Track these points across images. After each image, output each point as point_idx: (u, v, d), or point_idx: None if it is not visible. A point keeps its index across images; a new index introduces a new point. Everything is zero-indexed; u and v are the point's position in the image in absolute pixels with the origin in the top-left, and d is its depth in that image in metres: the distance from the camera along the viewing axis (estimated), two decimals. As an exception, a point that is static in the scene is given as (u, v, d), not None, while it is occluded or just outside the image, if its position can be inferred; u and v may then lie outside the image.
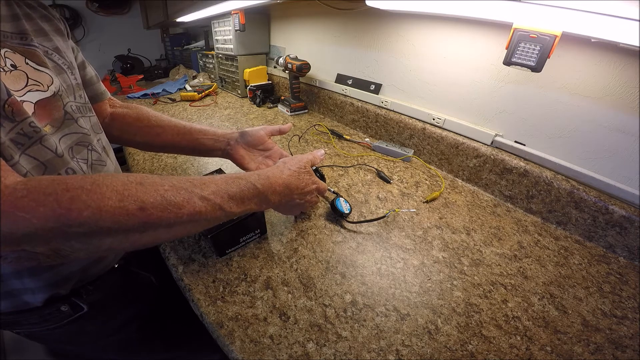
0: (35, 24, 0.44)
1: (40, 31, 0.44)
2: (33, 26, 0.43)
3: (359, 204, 0.64)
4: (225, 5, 1.02)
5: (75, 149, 0.43)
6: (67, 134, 0.42)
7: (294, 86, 1.14)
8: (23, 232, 0.26)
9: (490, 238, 0.56)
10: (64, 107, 0.42)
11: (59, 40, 0.47)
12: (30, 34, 0.42)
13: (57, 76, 0.42)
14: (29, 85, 0.38)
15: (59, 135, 0.40)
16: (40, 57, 0.41)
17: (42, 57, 0.41)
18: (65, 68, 0.45)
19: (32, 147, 0.36)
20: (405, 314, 0.41)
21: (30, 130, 0.35)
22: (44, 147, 0.37)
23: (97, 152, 0.47)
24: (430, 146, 0.80)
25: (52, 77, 0.41)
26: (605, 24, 0.38)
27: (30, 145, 0.36)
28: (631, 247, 0.52)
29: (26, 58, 0.39)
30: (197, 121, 1.12)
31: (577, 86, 0.55)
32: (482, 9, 0.49)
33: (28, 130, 0.35)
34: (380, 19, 0.87)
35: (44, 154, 0.37)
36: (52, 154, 0.38)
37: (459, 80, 0.73)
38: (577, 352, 0.38)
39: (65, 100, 0.43)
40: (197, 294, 0.44)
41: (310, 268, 0.48)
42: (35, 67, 0.40)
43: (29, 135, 0.35)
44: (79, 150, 0.43)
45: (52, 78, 0.41)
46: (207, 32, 1.84)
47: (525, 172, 0.63)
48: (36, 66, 0.40)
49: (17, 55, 0.38)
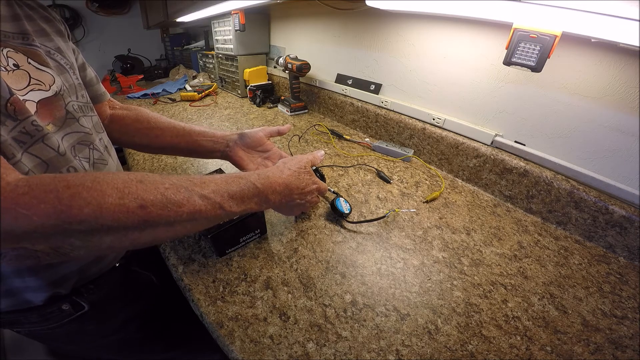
0: (37, 25, 0.44)
1: (42, 32, 0.44)
2: (34, 27, 0.43)
3: (359, 204, 0.64)
4: (225, 5, 1.02)
5: (77, 147, 0.43)
6: (69, 133, 0.42)
7: (294, 86, 1.14)
8: (24, 229, 0.26)
9: (490, 238, 0.56)
10: (65, 107, 0.42)
11: (60, 41, 0.47)
12: (31, 34, 0.42)
13: (59, 76, 0.43)
14: (31, 85, 0.38)
15: (61, 134, 0.41)
16: (42, 57, 0.41)
17: (44, 57, 0.42)
18: (67, 68, 0.45)
19: (34, 145, 0.36)
20: (405, 314, 0.41)
21: (33, 129, 0.36)
22: (46, 145, 0.37)
23: (99, 151, 0.48)
24: (430, 146, 0.80)
25: (54, 76, 0.42)
26: (605, 24, 0.38)
27: (32, 143, 0.36)
28: (631, 247, 0.52)
29: (28, 58, 0.40)
30: (197, 122, 1.12)
31: (577, 86, 0.55)
32: (482, 9, 0.49)
33: (30, 129, 0.35)
34: (380, 19, 0.87)
35: (46, 153, 0.37)
36: (55, 152, 0.38)
37: (459, 80, 0.73)
38: (577, 352, 0.38)
39: (67, 100, 0.43)
40: (197, 294, 0.44)
41: (310, 268, 0.48)
42: (37, 67, 0.40)
43: (31, 133, 0.36)
44: (81, 149, 0.44)
45: (53, 78, 0.42)
46: (207, 32, 1.84)
47: (525, 172, 0.63)
48: (38, 66, 0.40)
49: (20, 54, 0.39)
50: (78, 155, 0.43)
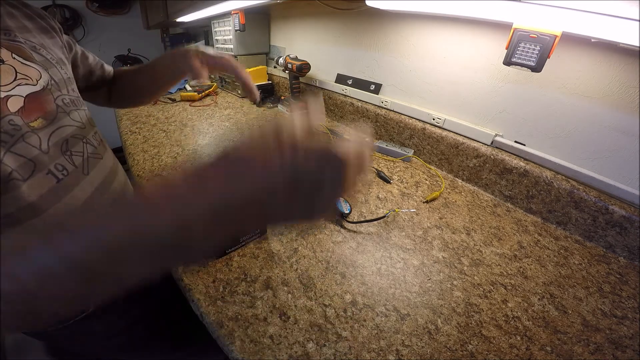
0: (18, 22, 0.44)
1: (24, 28, 0.44)
2: (16, 23, 0.43)
3: (359, 204, 0.64)
4: (225, 5, 1.02)
5: (70, 141, 0.43)
6: (60, 127, 0.42)
7: (294, 86, 1.14)
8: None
9: (490, 238, 0.56)
10: (54, 101, 0.42)
11: (44, 38, 0.47)
12: (14, 30, 0.42)
13: (45, 70, 0.42)
14: (17, 80, 0.38)
15: (51, 129, 0.40)
16: (27, 52, 0.41)
17: (29, 52, 0.41)
18: (54, 63, 0.45)
19: (16, 144, 0.36)
20: (405, 314, 0.41)
21: (10, 128, 0.35)
22: (28, 144, 0.37)
23: (92, 146, 0.47)
24: (430, 146, 0.80)
25: (40, 71, 0.41)
26: (605, 24, 0.38)
27: (14, 142, 0.36)
28: (631, 247, 0.52)
29: (12, 53, 0.39)
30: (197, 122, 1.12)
31: (577, 86, 0.55)
32: (482, 9, 0.49)
33: (8, 128, 0.35)
34: (380, 19, 0.87)
35: (29, 151, 0.37)
36: (37, 150, 0.38)
37: (459, 80, 0.73)
38: (577, 352, 0.38)
39: (55, 94, 0.43)
40: (197, 294, 0.44)
41: (310, 268, 0.48)
42: (23, 62, 0.40)
43: (10, 132, 0.35)
44: (74, 143, 0.44)
45: (40, 72, 0.41)
46: (207, 32, 1.84)
47: (525, 172, 0.63)
48: (23, 60, 0.40)
49: (4, 50, 0.38)
50: (70, 149, 0.43)
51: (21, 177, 0.36)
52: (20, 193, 0.36)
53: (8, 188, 0.35)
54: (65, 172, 0.41)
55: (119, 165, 0.56)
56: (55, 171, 0.40)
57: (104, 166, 0.49)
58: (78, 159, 0.43)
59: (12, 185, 0.35)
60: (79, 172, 0.44)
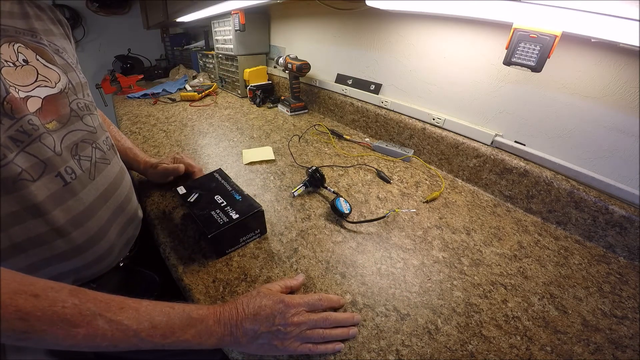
0: (45, 25, 0.45)
1: (49, 31, 0.45)
2: (42, 26, 0.44)
3: (359, 204, 0.64)
4: (225, 5, 1.02)
5: (80, 146, 0.43)
6: (72, 130, 0.43)
7: (294, 86, 1.14)
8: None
9: (490, 238, 0.56)
10: (70, 104, 0.43)
11: (66, 43, 0.48)
12: (40, 32, 0.43)
13: (65, 74, 0.43)
14: (38, 81, 0.39)
15: (63, 132, 0.41)
16: (49, 54, 0.42)
17: (51, 55, 0.43)
18: (74, 66, 0.47)
19: (32, 144, 0.36)
20: (405, 314, 0.41)
21: (30, 128, 0.36)
22: (43, 144, 0.37)
23: (101, 151, 0.48)
24: (430, 146, 0.80)
25: (60, 74, 0.42)
26: (605, 24, 0.38)
27: (30, 142, 0.36)
28: (631, 247, 0.52)
29: (37, 54, 0.40)
30: (197, 122, 1.12)
31: (577, 86, 0.55)
32: (482, 9, 0.49)
33: (27, 128, 0.36)
34: (380, 19, 0.87)
35: (43, 152, 0.37)
36: (51, 152, 0.38)
37: (459, 80, 0.73)
38: (577, 352, 0.38)
39: (71, 98, 0.43)
40: (197, 294, 0.44)
41: (310, 268, 0.48)
42: (45, 64, 0.41)
43: (29, 132, 0.36)
44: (83, 148, 0.44)
45: (59, 75, 0.42)
46: (207, 32, 1.84)
47: (525, 172, 0.63)
48: (45, 63, 0.41)
49: (29, 51, 0.39)
50: (79, 154, 0.43)
51: (31, 177, 0.37)
52: (28, 193, 0.36)
53: (16, 187, 0.36)
54: (73, 175, 0.42)
55: (125, 172, 0.56)
56: (65, 174, 0.40)
57: (110, 172, 0.49)
58: (86, 164, 0.44)
59: (20, 185, 0.36)
60: (85, 177, 0.44)
